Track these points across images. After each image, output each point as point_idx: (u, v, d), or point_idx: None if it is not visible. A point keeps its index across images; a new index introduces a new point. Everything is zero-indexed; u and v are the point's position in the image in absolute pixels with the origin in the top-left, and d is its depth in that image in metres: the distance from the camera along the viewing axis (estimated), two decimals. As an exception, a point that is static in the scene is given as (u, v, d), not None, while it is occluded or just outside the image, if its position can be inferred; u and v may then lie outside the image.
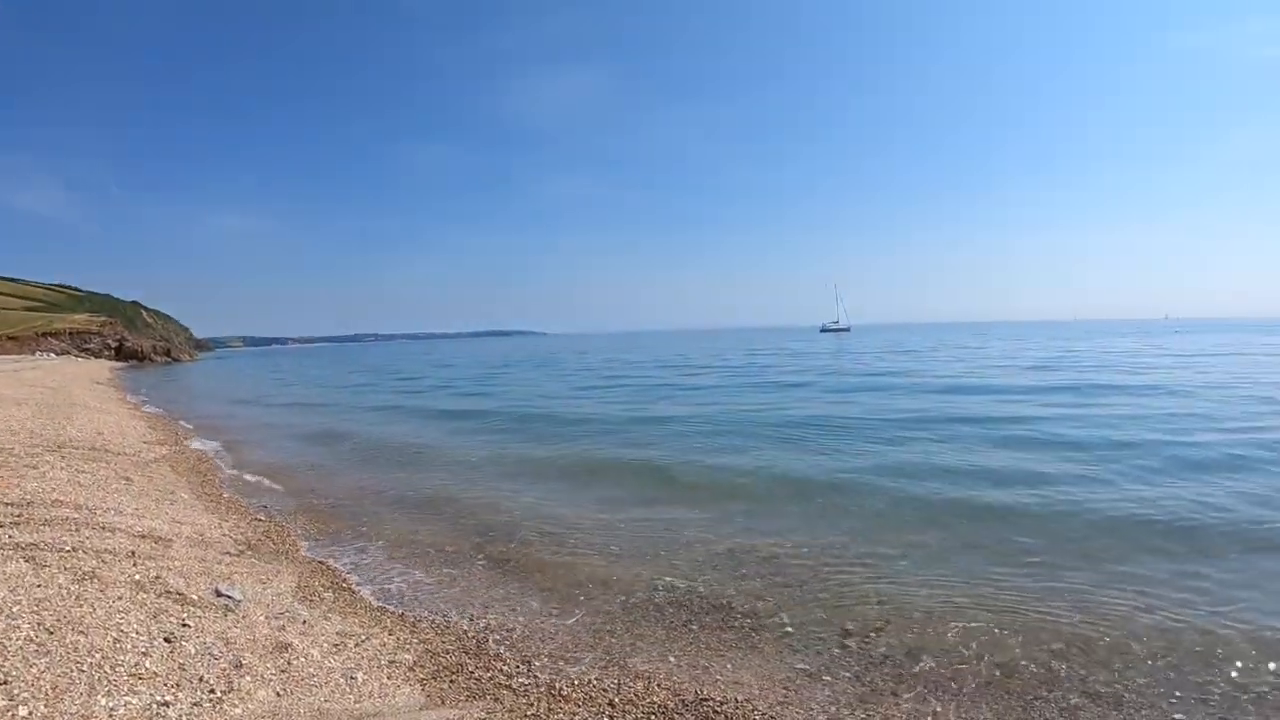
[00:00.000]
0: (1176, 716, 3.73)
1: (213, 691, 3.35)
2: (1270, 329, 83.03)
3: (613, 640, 4.62)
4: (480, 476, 10.13)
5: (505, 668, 4.18)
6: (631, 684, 4.02)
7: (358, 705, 3.59)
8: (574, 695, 3.89)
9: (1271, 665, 4.23)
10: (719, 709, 3.76)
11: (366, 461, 11.72)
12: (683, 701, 3.82)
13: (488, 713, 3.64)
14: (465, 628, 4.75)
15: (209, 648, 3.80)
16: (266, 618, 4.39)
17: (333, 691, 3.68)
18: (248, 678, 3.59)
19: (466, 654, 4.32)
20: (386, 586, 5.59)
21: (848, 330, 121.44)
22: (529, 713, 3.67)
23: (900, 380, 24.03)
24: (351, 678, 3.85)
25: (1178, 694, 3.93)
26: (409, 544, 6.78)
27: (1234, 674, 4.14)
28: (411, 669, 4.05)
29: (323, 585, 5.40)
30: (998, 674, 4.17)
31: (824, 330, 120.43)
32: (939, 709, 3.83)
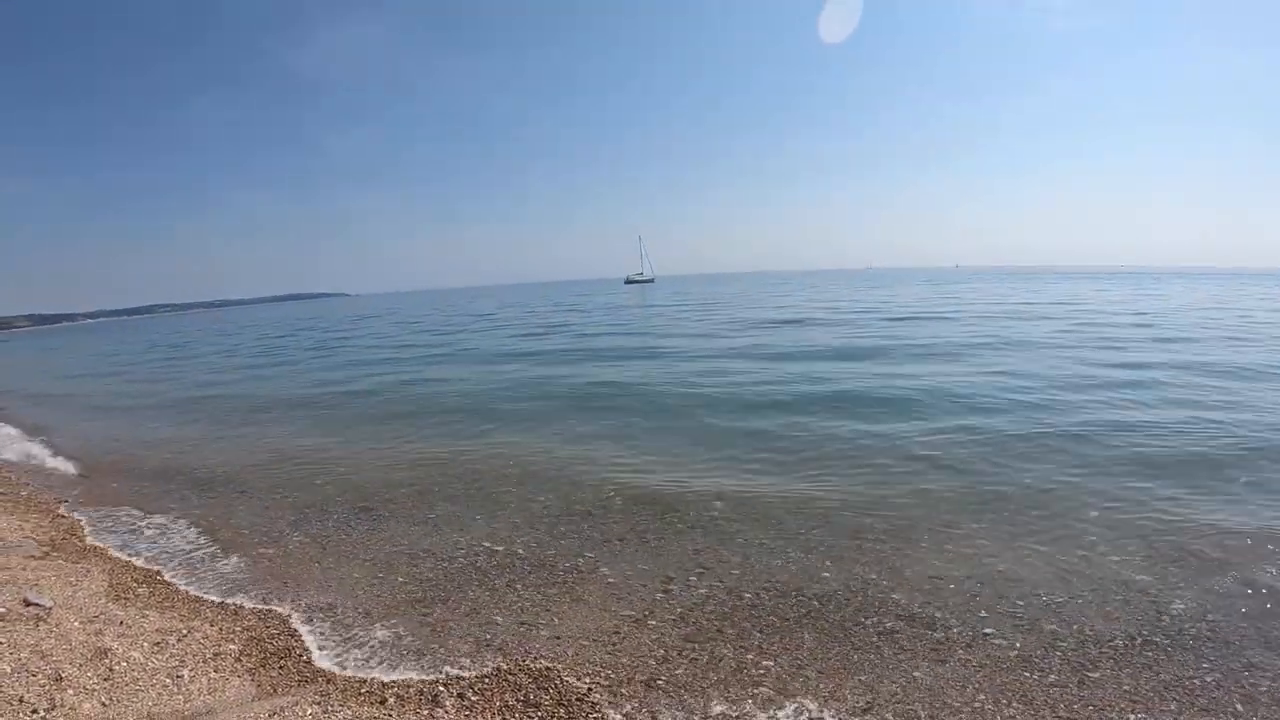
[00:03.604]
0: (986, 630, 4.12)
1: (35, 712, 3.43)
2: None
3: (441, 609, 4.89)
4: (287, 453, 10.19)
5: (333, 648, 4.31)
6: (459, 647, 4.34)
7: (188, 705, 3.71)
8: (402, 664, 4.09)
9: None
10: (552, 664, 4.00)
11: (168, 444, 11.46)
12: (516, 661, 4.03)
13: (321, 696, 3.78)
14: (288, 609, 4.96)
15: (25, 664, 3.82)
16: (81, 623, 4.40)
17: (160, 693, 3.77)
18: (70, 691, 3.63)
19: (293, 637, 4.45)
20: (202, 574, 5.74)
21: (652, 281, 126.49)
22: (363, 690, 3.80)
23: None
24: (178, 676, 3.95)
25: (984, 613, 4.42)
26: (222, 527, 6.93)
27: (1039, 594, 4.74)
28: (239, 659, 4.19)
29: (135, 580, 5.47)
30: (816, 604, 4.55)
31: (629, 282, 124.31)
32: (763, 641, 4.17)
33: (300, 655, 4.27)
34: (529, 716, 3.59)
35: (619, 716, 3.61)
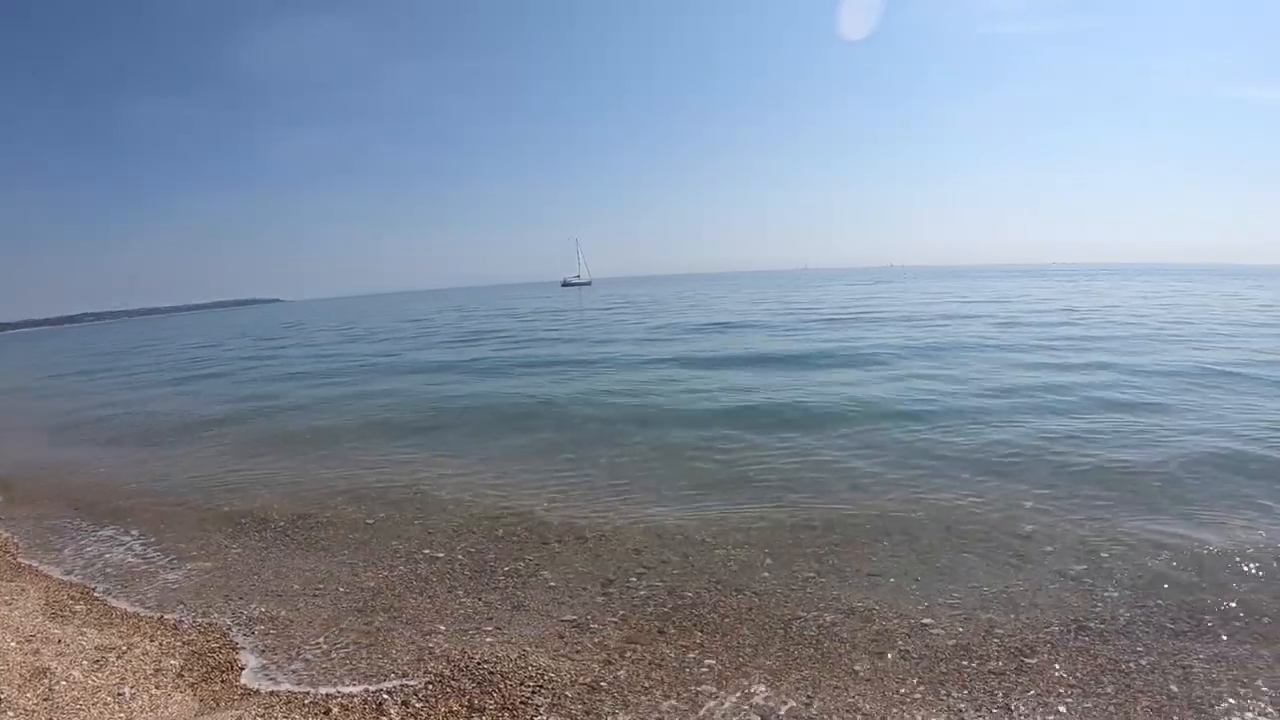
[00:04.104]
0: (925, 621, 4.42)
1: (-25, 738, 3.34)
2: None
3: (383, 617, 4.96)
4: (223, 465, 10.11)
5: (275, 659, 4.31)
6: (401, 656, 4.38)
7: (131, 723, 3.65)
8: (346, 676, 4.11)
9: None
10: (495, 669, 4.02)
11: (96, 461, 11.17)
12: (459, 668, 4.05)
13: (265, 709, 3.80)
14: (229, 622, 4.94)
15: (-38, 690, 3.74)
16: (18, 642, 4.38)
17: (102, 712, 3.79)
18: (9, 713, 3.61)
19: (235, 651, 4.45)
20: (140, 590, 5.69)
21: (589, 284, 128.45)
22: (307, 701, 3.81)
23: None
24: (119, 694, 3.94)
25: (923, 604, 4.57)
26: (159, 541, 6.86)
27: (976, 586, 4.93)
28: (180, 674, 4.21)
29: (72, 598, 5.43)
30: (757, 601, 4.63)
31: (565, 285, 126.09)
32: (703, 639, 4.25)
33: (243, 668, 4.29)
34: (473, 722, 3.64)
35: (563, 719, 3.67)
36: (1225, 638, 4.17)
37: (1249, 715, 3.50)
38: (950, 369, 14.27)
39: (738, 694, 3.82)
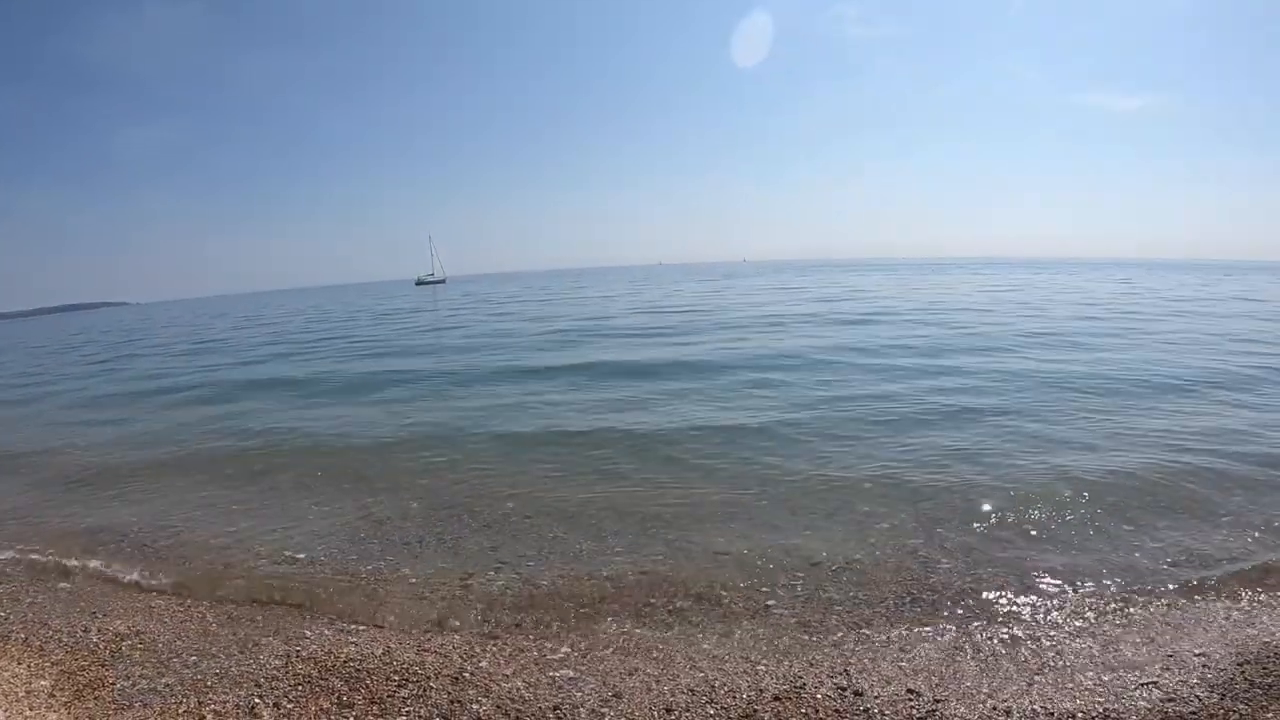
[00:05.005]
0: (769, 602, 4.92)
1: None
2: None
3: (248, 627, 5.23)
4: (71, 478, 9.96)
5: (145, 672, 4.50)
6: (270, 661, 4.69)
7: (2, 746, 3.80)
8: (218, 685, 4.32)
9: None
10: (361, 666, 4.37)
11: None
12: (326, 667, 4.38)
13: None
14: (95, 640, 5.08)
15: None
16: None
17: (-26, 738, 3.85)
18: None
19: (104, 666, 4.63)
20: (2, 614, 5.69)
21: (443, 282, 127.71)
22: (180, 711, 4.06)
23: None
24: (-11, 719, 4.01)
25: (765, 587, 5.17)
26: (16, 559, 6.85)
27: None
28: (52, 695, 4.35)
29: None
30: (610, 589, 5.20)
31: (419, 283, 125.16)
32: (558, 628, 4.74)
33: (113, 685, 4.47)
34: (344, 716, 4.01)
35: (427, 709, 4.10)
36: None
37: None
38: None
39: (594, 677, 4.36)
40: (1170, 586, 5.12)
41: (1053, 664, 4.26)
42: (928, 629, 4.72)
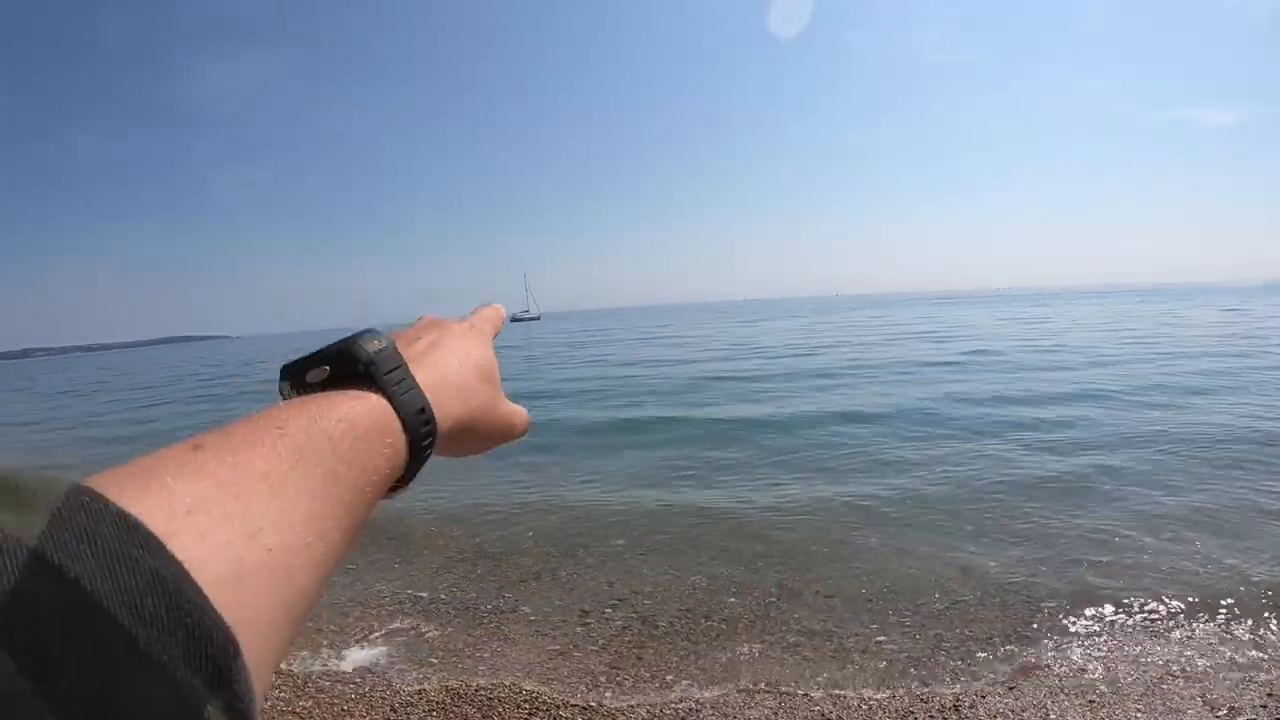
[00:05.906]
0: (879, 638, 4.97)
1: None
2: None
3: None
4: None
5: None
6: (404, 688, 4.79)
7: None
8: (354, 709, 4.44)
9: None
10: (493, 695, 4.47)
11: None
12: (459, 695, 4.49)
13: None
14: None
15: None
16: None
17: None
18: None
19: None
20: None
21: (538, 319, 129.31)
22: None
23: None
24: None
25: (874, 624, 5.16)
26: None
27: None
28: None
29: None
30: (724, 627, 5.19)
31: (514, 320, 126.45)
32: (676, 661, 4.76)
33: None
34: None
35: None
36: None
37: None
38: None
39: (713, 694, 4.36)
40: None
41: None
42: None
